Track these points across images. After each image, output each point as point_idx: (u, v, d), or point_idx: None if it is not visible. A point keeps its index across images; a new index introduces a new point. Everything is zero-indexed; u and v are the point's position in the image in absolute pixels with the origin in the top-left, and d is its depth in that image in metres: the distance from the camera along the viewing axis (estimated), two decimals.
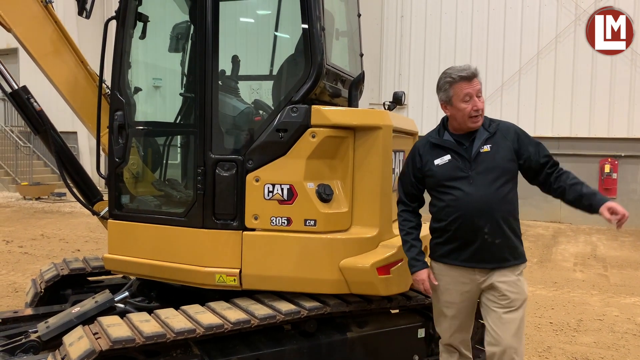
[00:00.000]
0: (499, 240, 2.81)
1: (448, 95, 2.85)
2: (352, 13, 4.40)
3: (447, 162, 2.89)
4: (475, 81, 2.81)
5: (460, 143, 2.89)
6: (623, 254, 8.74)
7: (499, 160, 2.83)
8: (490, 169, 2.81)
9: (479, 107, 2.81)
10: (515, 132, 2.91)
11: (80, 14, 3.72)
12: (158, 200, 3.85)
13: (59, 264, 4.35)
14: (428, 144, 2.99)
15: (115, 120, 3.57)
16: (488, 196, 2.79)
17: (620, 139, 11.28)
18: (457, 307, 2.99)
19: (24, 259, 7.48)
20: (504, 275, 2.85)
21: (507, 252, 2.84)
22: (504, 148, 2.85)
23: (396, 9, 13.35)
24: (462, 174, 2.84)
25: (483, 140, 2.86)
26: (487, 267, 2.85)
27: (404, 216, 3.12)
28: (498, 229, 2.80)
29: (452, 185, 2.86)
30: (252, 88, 4.51)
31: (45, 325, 3.29)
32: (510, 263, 2.86)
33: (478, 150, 2.84)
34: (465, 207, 2.82)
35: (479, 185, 2.80)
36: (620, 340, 4.86)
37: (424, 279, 3.00)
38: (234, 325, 2.96)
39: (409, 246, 3.07)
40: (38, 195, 14.41)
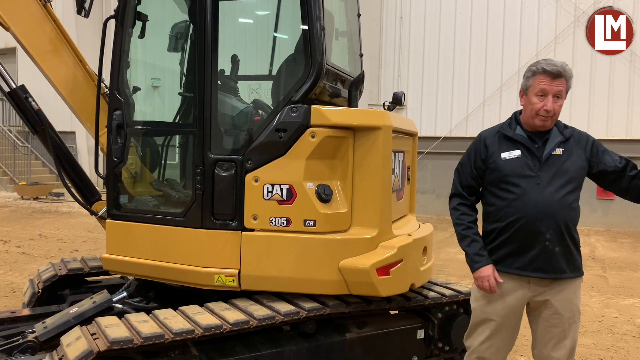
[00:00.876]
0: (559, 249, 2.66)
1: (526, 84, 2.72)
2: (352, 13, 4.40)
3: (516, 158, 2.71)
4: (558, 81, 2.63)
5: (533, 140, 2.73)
6: (622, 255, 8.74)
7: (570, 166, 2.69)
8: (560, 173, 2.67)
9: (549, 108, 2.64)
10: (589, 140, 2.79)
11: (79, 13, 3.71)
12: (157, 200, 3.84)
13: (56, 264, 4.33)
14: (497, 135, 2.82)
15: (114, 119, 3.56)
16: (554, 200, 2.64)
17: (620, 141, 11.28)
18: (501, 321, 2.79)
19: (22, 259, 7.45)
20: (560, 292, 2.71)
21: (566, 262, 2.69)
22: (576, 155, 2.72)
23: (395, 9, 13.35)
24: (530, 173, 2.68)
25: (557, 142, 2.72)
26: (544, 276, 2.68)
27: (461, 210, 2.90)
28: (560, 236, 2.65)
29: (517, 183, 2.69)
30: (251, 88, 4.50)
31: (42, 326, 3.28)
32: (567, 275, 2.70)
33: (550, 152, 2.70)
34: (528, 208, 2.65)
35: (546, 188, 2.65)
36: (620, 341, 4.86)
37: (489, 274, 2.74)
38: (232, 326, 2.95)
39: (469, 241, 2.83)
40: (36, 195, 14.38)
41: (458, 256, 8.28)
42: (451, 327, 3.76)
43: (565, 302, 2.72)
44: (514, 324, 2.84)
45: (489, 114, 12.40)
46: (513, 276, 2.75)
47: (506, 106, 12.27)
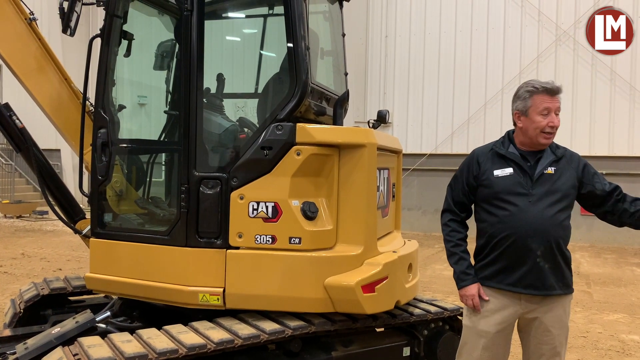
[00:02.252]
0: (549, 265, 2.70)
1: (526, 105, 2.74)
2: (337, 33, 4.45)
3: (509, 175, 2.76)
4: (557, 98, 2.71)
5: (526, 159, 2.78)
6: (606, 271, 8.82)
7: (561, 185, 2.73)
8: (552, 191, 2.72)
9: (555, 124, 2.70)
10: (581, 161, 2.83)
11: (65, 32, 3.71)
12: (141, 219, 3.82)
13: (39, 283, 4.27)
14: (490, 153, 2.87)
15: (99, 137, 3.55)
16: (546, 218, 2.68)
17: (602, 157, 11.45)
18: (492, 337, 2.81)
19: (4, 279, 7.34)
20: (550, 309, 2.74)
21: (556, 279, 2.72)
22: (568, 174, 2.76)
23: (381, 28, 13.53)
24: (522, 190, 2.71)
25: (549, 162, 2.76)
26: (534, 293, 2.71)
27: (451, 226, 2.95)
28: (550, 254, 2.69)
29: (510, 201, 2.72)
30: (237, 106, 4.52)
31: (24, 347, 3.22)
32: (557, 292, 2.73)
33: (542, 170, 2.74)
34: (520, 225, 2.68)
35: (538, 205, 2.69)
36: (604, 357, 4.88)
37: (474, 294, 2.80)
38: (217, 346, 2.92)
39: (457, 259, 2.88)
40: (19, 213, 14.21)
41: (444, 273, 8.30)
42: (437, 344, 3.76)
43: (555, 319, 2.76)
44: (505, 340, 2.86)
45: (474, 131, 12.55)
46: (504, 292, 2.77)
47: (490, 123, 12.44)
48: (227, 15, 4.47)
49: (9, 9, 3.78)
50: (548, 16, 11.86)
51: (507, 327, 2.82)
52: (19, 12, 3.83)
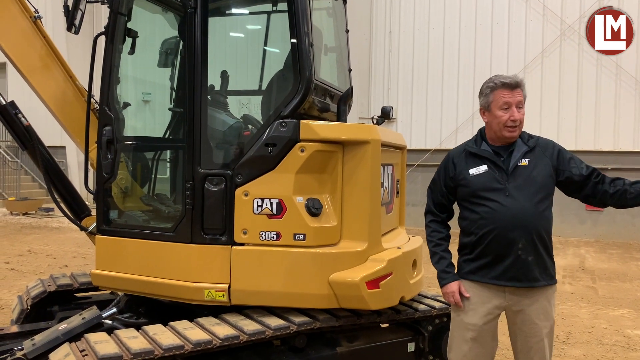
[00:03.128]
0: (532, 257, 2.71)
1: (487, 101, 2.80)
2: (341, 29, 4.45)
3: (483, 173, 2.79)
4: (517, 91, 2.73)
5: (498, 154, 2.81)
6: (611, 266, 8.80)
7: (537, 175, 2.75)
8: (528, 183, 2.73)
9: (516, 117, 2.73)
10: (555, 148, 2.84)
11: (69, 30, 3.72)
12: (146, 215, 3.84)
13: (45, 280, 4.30)
14: (464, 153, 2.91)
15: (104, 135, 3.57)
16: (525, 210, 2.69)
17: (607, 152, 11.41)
18: (480, 329, 2.83)
19: (11, 275, 7.39)
20: (535, 300, 2.75)
21: (539, 270, 2.73)
22: (542, 164, 2.78)
23: (384, 24, 13.49)
24: (498, 186, 2.74)
25: (522, 153, 2.78)
26: (518, 285, 2.73)
27: (432, 227, 3.01)
28: (532, 245, 2.70)
29: (487, 197, 2.75)
30: (241, 103, 4.53)
31: (31, 343, 3.25)
32: (541, 283, 2.74)
33: (516, 163, 2.76)
34: (500, 219, 2.71)
35: (515, 199, 2.70)
36: (609, 352, 4.88)
37: (454, 290, 2.85)
38: (222, 341, 2.94)
39: (438, 258, 2.95)
40: (25, 210, 14.27)
41: None
42: (441, 339, 3.77)
43: (540, 310, 2.77)
44: (492, 332, 2.90)
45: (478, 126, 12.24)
46: (489, 286, 2.80)
47: None
48: (231, 12, 4.48)
49: (14, 7, 3.80)
50: (553, 11, 11.80)
51: (493, 319, 2.85)
52: (24, 11, 3.85)
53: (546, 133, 12.35)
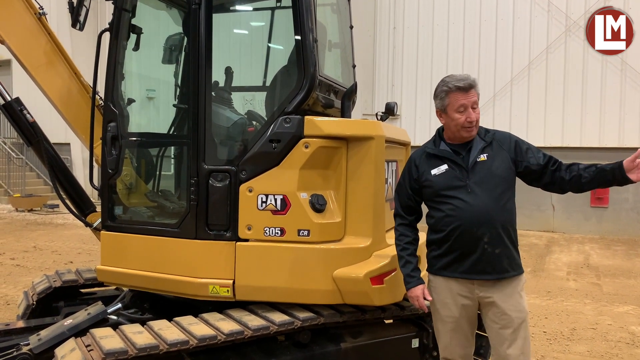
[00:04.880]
0: (498, 250, 2.77)
1: (443, 104, 2.87)
2: (345, 25, 4.44)
3: (445, 172, 2.86)
4: (471, 92, 2.80)
5: (457, 152, 2.88)
6: (616, 263, 8.78)
7: (496, 169, 2.81)
8: (488, 178, 2.79)
9: (472, 119, 2.81)
10: (512, 140, 2.91)
11: (74, 26, 3.73)
12: (151, 211, 3.85)
13: (51, 275, 4.33)
14: (424, 154, 2.98)
15: (109, 131, 3.58)
16: (488, 205, 2.76)
17: (612, 149, 11.37)
18: (457, 321, 2.92)
19: (16, 271, 7.43)
20: (504, 292, 2.80)
21: (507, 262, 2.80)
22: (500, 157, 2.84)
23: (389, 20, 13.47)
24: (459, 183, 2.81)
25: (480, 149, 2.85)
26: (487, 278, 2.79)
27: (400, 230, 3.08)
28: (498, 238, 2.77)
29: (450, 195, 2.82)
30: (245, 99, 4.53)
31: (37, 338, 3.27)
32: (510, 274, 2.81)
33: (475, 159, 2.83)
34: (464, 216, 2.78)
35: (477, 194, 2.77)
36: (614, 349, 4.88)
37: (418, 295, 2.95)
38: (227, 337, 2.95)
39: (404, 262, 3.03)
40: (31, 207, 14.34)
41: None
42: None
43: (511, 301, 2.81)
44: (469, 323, 2.96)
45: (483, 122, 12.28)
46: (460, 280, 2.86)
47: (499, 115, 12.38)
48: (235, 8, 4.47)
49: (18, 4, 3.81)
50: (557, 6, 11.75)
51: (468, 311, 2.91)
52: (29, 7, 3.86)
53: (551, 129, 12.39)
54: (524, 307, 2.83)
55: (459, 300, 2.89)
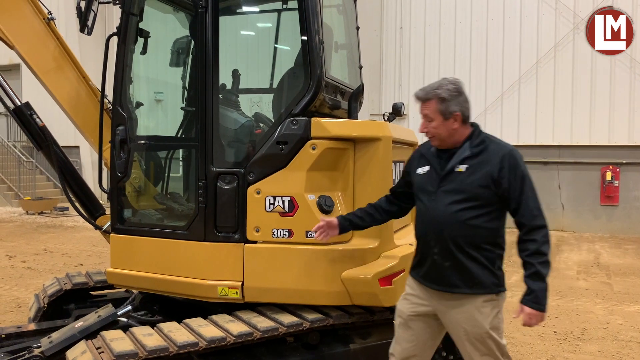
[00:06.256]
0: (448, 264, 2.64)
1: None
2: (351, 26, 4.45)
3: (425, 173, 2.78)
4: (426, 104, 2.68)
5: (440, 157, 2.75)
6: (626, 262, 8.71)
7: (470, 183, 2.60)
8: (458, 190, 2.62)
9: (420, 130, 2.77)
10: (503, 161, 2.60)
11: (82, 31, 3.76)
12: (160, 214, 3.87)
13: (61, 278, 4.36)
14: (419, 152, 2.94)
15: (117, 135, 3.60)
16: (440, 217, 2.63)
17: (622, 147, 11.29)
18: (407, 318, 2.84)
19: (27, 274, 7.48)
20: (459, 305, 2.66)
21: (458, 277, 2.63)
22: (480, 173, 2.60)
23: (395, 20, 13.44)
24: (430, 188, 2.71)
25: (461, 159, 2.66)
26: (436, 288, 2.70)
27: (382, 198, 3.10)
28: (447, 252, 2.63)
29: (420, 198, 2.78)
30: (252, 101, 4.55)
31: (48, 340, 3.30)
32: (462, 290, 2.63)
33: (452, 168, 2.66)
34: (423, 222, 2.76)
35: (438, 203, 2.66)
36: (625, 348, 4.84)
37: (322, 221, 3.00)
38: (236, 338, 2.97)
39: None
40: (41, 209, 14.44)
41: None
42: None
43: (465, 316, 2.65)
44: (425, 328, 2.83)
45: (491, 121, 12.44)
46: (419, 283, 2.82)
47: (508, 114, 12.32)
48: (242, 10, 4.49)
49: (28, 9, 3.84)
50: (565, 4, 11.68)
51: (420, 316, 2.81)
52: (38, 12, 3.89)
53: (559, 127, 12.31)
54: (483, 325, 2.63)
55: (415, 300, 2.82)
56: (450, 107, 2.64)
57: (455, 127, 2.66)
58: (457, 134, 2.68)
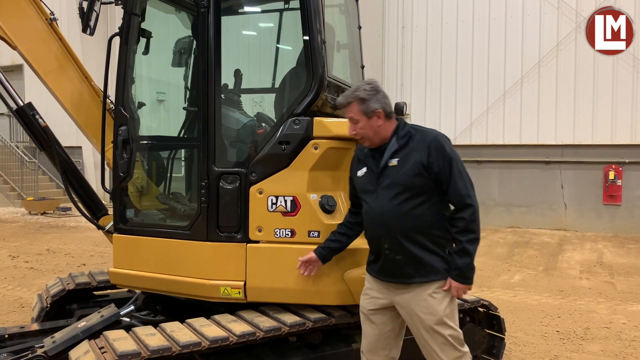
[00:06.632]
0: (399, 257, 2.74)
1: None
2: (353, 25, 4.45)
3: (363, 175, 2.87)
4: (347, 109, 2.81)
5: (373, 156, 2.85)
6: (629, 261, 8.69)
7: (403, 175, 2.70)
8: (394, 184, 2.72)
9: (351, 132, 2.84)
10: (429, 145, 2.71)
11: (84, 31, 3.77)
12: (162, 214, 3.88)
13: (64, 278, 4.37)
14: (356, 156, 3.02)
15: (120, 135, 3.61)
16: (385, 212, 2.73)
17: (624, 146, 11.27)
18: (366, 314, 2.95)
19: (30, 274, 7.50)
20: (415, 295, 2.75)
21: (411, 268, 2.73)
22: (411, 162, 2.70)
23: (397, 20, 13.43)
24: (370, 188, 2.81)
25: (391, 153, 2.76)
26: (392, 281, 2.80)
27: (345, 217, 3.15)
28: (398, 245, 2.72)
29: (364, 198, 2.87)
30: (254, 101, 4.55)
31: (51, 340, 3.30)
32: (417, 280, 2.73)
33: (385, 163, 2.76)
34: (369, 220, 2.84)
35: (380, 200, 2.75)
36: (628, 348, 4.83)
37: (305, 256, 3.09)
38: (239, 338, 2.97)
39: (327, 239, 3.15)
40: (43, 210, 14.47)
41: None
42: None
43: (421, 304, 2.74)
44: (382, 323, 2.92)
45: (493, 121, 12.43)
46: (375, 278, 2.91)
47: (509, 113, 12.30)
48: (244, 10, 4.49)
49: (30, 9, 3.85)
50: (568, 3, 11.66)
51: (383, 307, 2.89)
52: (40, 13, 3.90)
53: (562, 127, 12.28)
54: (437, 310, 2.72)
55: (374, 295, 2.92)
56: (371, 106, 2.76)
57: (379, 123, 2.78)
58: (383, 130, 2.80)
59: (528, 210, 12.19)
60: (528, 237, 10.97)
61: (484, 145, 12.52)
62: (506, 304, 6.05)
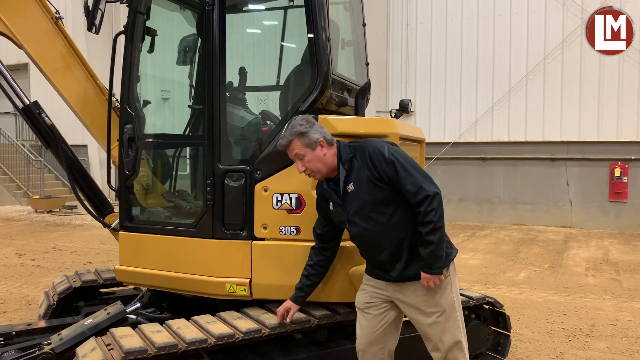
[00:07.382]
0: (399, 264, 2.80)
1: None
2: (358, 23, 4.44)
3: (334, 209, 2.92)
4: (290, 147, 2.84)
5: (334, 190, 2.90)
6: (636, 258, 8.66)
7: (365, 194, 2.75)
8: (361, 206, 2.77)
9: (299, 171, 2.87)
10: (369, 159, 2.75)
11: (90, 30, 3.78)
12: (168, 212, 3.89)
13: (71, 276, 4.39)
14: (319, 194, 3.04)
15: (125, 133, 3.62)
16: (367, 234, 2.79)
17: (630, 142, 11.22)
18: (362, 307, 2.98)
19: (37, 272, 7.54)
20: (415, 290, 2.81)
21: (411, 268, 2.79)
22: (364, 181, 2.75)
23: (402, 17, 13.41)
24: (344, 219, 2.88)
25: (344, 180, 2.82)
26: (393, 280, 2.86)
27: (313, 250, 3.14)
28: (396, 255, 2.79)
29: (347, 228, 2.93)
30: (259, 99, 4.55)
31: (58, 337, 3.33)
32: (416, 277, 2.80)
33: (344, 191, 2.83)
34: (361, 244, 2.91)
35: (358, 226, 2.80)
36: (634, 345, 4.82)
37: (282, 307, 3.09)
38: (244, 335, 2.98)
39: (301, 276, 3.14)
40: (49, 208, 14.53)
41: (470, 262, 8.27)
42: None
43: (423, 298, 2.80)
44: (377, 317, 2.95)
45: (498, 118, 12.40)
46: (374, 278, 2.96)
47: (514, 110, 12.27)
48: (248, 8, 4.49)
49: (35, 8, 3.87)
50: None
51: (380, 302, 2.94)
52: (46, 12, 3.92)
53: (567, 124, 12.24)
54: (439, 303, 2.79)
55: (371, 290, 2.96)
56: (312, 137, 2.80)
57: (324, 152, 2.82)
58: (329, 158, 2.83)
59: (533, 207, 12.16)
60: (533, 235, 10.94)
61: (489, 142, 12.50)
62: (512, 301, 6.04)
